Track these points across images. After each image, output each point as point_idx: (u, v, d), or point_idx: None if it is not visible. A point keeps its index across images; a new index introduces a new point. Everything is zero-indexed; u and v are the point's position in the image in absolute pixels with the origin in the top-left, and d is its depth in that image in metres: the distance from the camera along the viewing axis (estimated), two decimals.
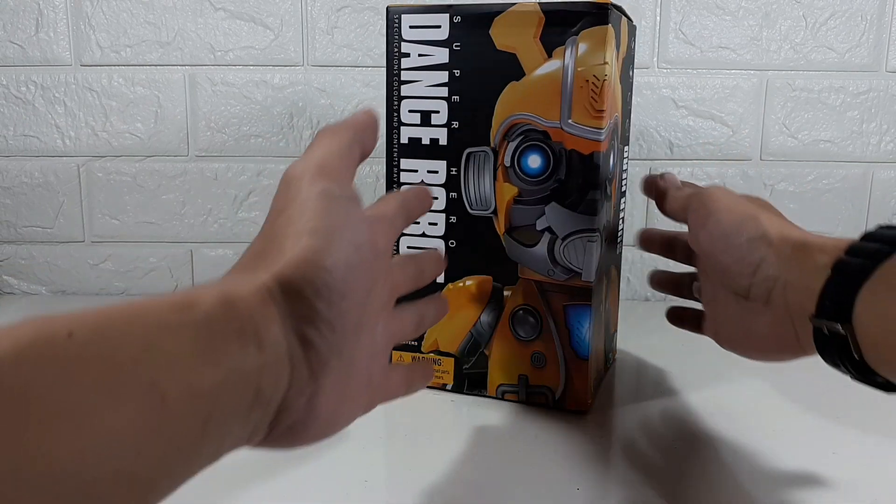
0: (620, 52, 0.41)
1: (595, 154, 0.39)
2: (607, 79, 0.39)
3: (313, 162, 0.27)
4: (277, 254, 0.24)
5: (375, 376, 0.30)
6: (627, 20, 0.43)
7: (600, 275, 0.43)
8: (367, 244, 0.27)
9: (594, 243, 0.40)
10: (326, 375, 0.25)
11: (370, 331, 0.29)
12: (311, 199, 0.25)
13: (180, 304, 0.20)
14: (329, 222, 0.25)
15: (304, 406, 0.24)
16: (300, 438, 0.25)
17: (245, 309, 0.22)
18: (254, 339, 0.21)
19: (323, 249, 0.24)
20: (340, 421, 0.27)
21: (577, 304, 0.41)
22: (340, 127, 0.30)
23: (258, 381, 0.21)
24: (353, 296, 0.25)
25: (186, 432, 0.19)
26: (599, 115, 0.39)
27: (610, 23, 0.38)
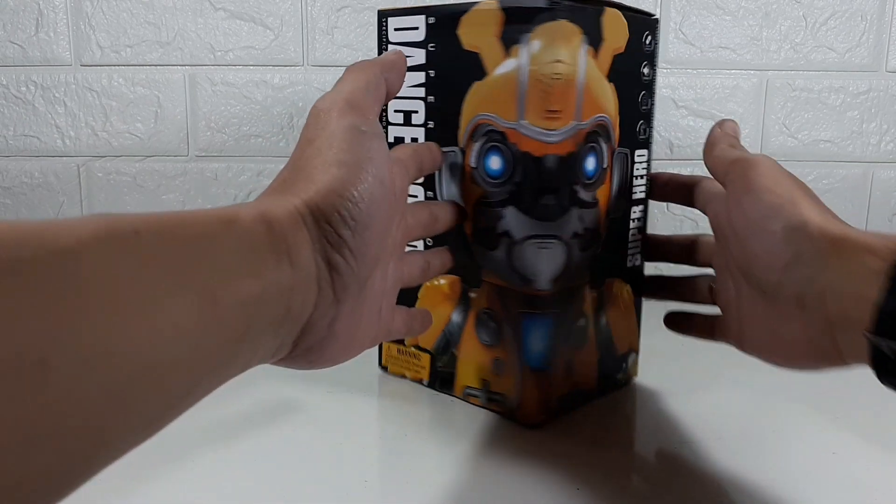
0: (604, 48, 0.39)
1: (548, 157, 0.38)
2: (561, 78, 0.37)
3: (342, 96, 0.28)
4: (307, 182, 0.25)
5: (384, 313, 0.31)
6: (630, 13, 0.40)
7: (570, 285, 0.40)
8: (388, 180, 0.28)
9: (548, 250, 0.39)
10: (346, 301, 0.26)
11: (384, 267, 0.30)
12: (339, 132, 0.26)
13: (225, 218, 0.21)
14: (356, 155, 0.26)
15: (326, 328, 0.25)
16: (318, 359, 0.26)
17: (280, 229, 0.23)
18: (287, 258, 0.23)
19: (350, 181, 0.25)
20: (353, 348, 0.29)
21: (532, 312, 0.40)
22: (368, 64, 0.30)
23: (289, 297, 0.23)
24: (375, 227, 0.26)
25: (233, 335, 0.20)
26: (552, 116, 0.38)
27: (568, 18, 0.37)
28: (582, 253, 0.41)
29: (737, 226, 0.33)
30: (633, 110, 0.42)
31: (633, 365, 0.47)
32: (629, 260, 0.45)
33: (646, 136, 0.44)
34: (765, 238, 0.31)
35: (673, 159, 0.69)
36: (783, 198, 0.31)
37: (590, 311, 0.42)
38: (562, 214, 0.39)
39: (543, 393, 0.41)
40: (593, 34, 0.38)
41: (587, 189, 0.40)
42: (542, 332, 0.40)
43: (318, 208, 0.24)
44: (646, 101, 0.43)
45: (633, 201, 0.44)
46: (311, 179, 0.25)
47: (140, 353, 0.17)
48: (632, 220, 0.44)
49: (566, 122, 0.38)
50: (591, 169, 0.40)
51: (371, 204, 0.26)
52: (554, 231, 0.39)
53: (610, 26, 0.39)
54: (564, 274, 0.40)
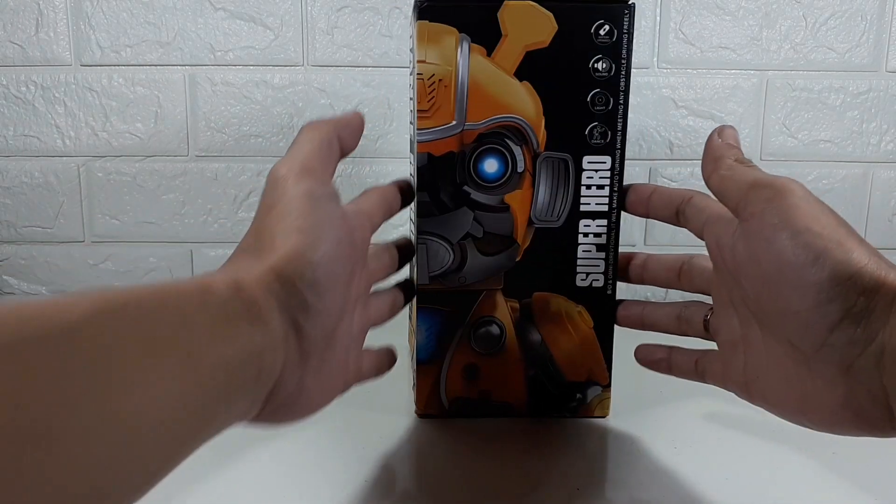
0: (508, 44, 0.37)
1: (420, 155, 0.39)
2: (423, 77, 0.38)
3: (297, 161, 0.29)
4: (271, 249, 0.26)
5: (352, 360, 0.32)
6: (565, 3, 0.37)
7: (465, 286, 0.40)
8: (346, 239, 0.29)
9: (424, 245, 0.40)
10: (312, 358, 0.27)
11: (349, 318, 0.31)
12: (296, 199, 0.28)
13: (203, 287, 0.23)
14: (314, 220, 0.27)
15: (294, 385, 0.26)
16: (289, 415, 0.28)
17: (251, 295, 0.24)
18: (259, 322, 0.24)
19: (310, 246, 0.27)
20: (323, 400, 0.30)
21: (422, 306, 0.41)
22: (322, 124, 0.31)
23: (261, 359, 0.24)
24: (336, 287, 0.28)
25: (211, 396, 0.21)
26: (421, 116, 0.38)
27: (438, 18, 0.37)
28: (484, 257, 0.40)
29: (763, 268, 0.27)
30: (574, 111, 0.39)
31: (596, 398, 0.42)
32: (580, 279, 0.41)
33: (604, 140, 0.39)
34: (806, 291, 0.25)
35: (673, 159, 0.69)
36: (828, 239, 0.25)
37: (507, 320, 0.41)
38: (441, 213, 0.40)
39: (430, 386, 0.42)
40: (481, 31, 0.37)
41: (486, 192, 0.39)
42: (427, 326, 0.41)
43: (284, 274, 0.26)
44: (604, 102, 0.39)
45: (583, 213, 0.40)
46: (274, 246, 0.26)
47: (135, 418, 0.18)
48: (583, 235, 0.40)
49: (439, 121, 0.38)
50: (493, 172, 0.39)
51: (330, 266, 0.27)
52: (434, 228, 0.40)
53: (515, 21, 0.37)
54: (452, 273, 0.40)
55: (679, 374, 0.36)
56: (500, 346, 0.41)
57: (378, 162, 0.69)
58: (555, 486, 0.35)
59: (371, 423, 0.42)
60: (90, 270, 0.71)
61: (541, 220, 0.40)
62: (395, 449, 0.39)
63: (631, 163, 0.69)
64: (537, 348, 0.42)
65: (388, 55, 0.67)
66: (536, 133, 0.39)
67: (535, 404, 0.42)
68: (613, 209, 0.40)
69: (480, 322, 0.41)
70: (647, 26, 0.67)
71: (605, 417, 0.43)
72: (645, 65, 0.68)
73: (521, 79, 0.38)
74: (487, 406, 0.42)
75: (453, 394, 0.42)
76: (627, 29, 0.38)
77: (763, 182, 0.28)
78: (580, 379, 0.42)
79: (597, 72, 0.38)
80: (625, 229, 0.70)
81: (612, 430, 0.41)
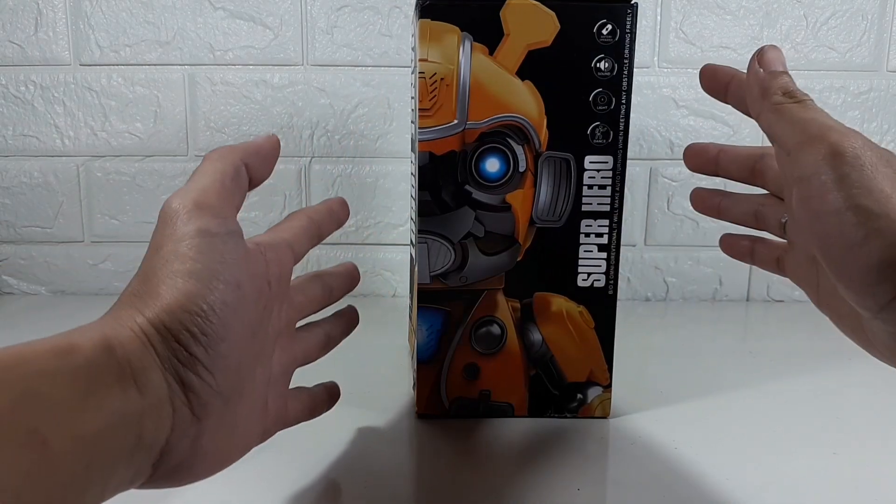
0: (510, 43, 0.38)
1: (422, 154, 0.39)
2: (425, 76, 0.38)
3: (191, 196, 0.26)
4: (153, 296, 0.24)
5: (272, 404, 0.30)
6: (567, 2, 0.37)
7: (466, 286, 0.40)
8: (250, 280, 0.26)
9: (425, 245, 0.40)
10: (210, 416, 0.24)
11: (264, 361, 0.29)
12: (186, 239, 0.25)
13: (59, 350, 0.20)
14: (205, 264, 0.24)
15: (189, 447, 0.24)
16: (187, 477, 0.25)
17: (123, 353, 0.22)
18: (133, 383, 0.21)
19: (198, 293, 0.24)
20: (231, 456, 0.27)
21: (423, 306, 0.41)
22: (228, 152, 0.28)
23: (140, 424, 0.21)
24: (233, 337, 0.25)
25: (70, 476, 0.19)
26: (423, 115, 0.38)
27: (440, 16, 0.37)
28: (485, 256, 0.40)
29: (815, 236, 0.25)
30: (576, 111, 0.39)
31: (597, 399, 0.42)
32: (581, 279, 0.41)
33: (606, 140, 0.39)
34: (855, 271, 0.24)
35: (673, 159, 0.69)
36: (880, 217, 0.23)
37: (507, 320, 0.41)
38: (442, 212, 0.39)
39: (430, 386, 0.42)
40: (483, 30, 0.37)
41: (487, 191, 0.39)
42: (428, 326, 0.41)
43: (165, 326, 0.23)
44: (606, 101, 0.39)
45: (585, 213, 0.40)
46: (156, 294, 0.24)
47: None
48: (584, 235, 0.40)
49: (441, 120, 0.38)
50: (494, 171, 0.39)
51: (225, 313, 0.24)
52: (435, 228, 0.40)
53: (517, 20, 0.37)
54: (453, 273, 0.40)
55: (760, 264, 0.35)
56: (501, 345, 0.41)
57: (378, 162, 0.69)
58: (555, 486, 0.35)
59: (371, 423, 0.42)
60: (89, 270, 0.71)
61: (542, 220, 0.40)
62: (395, 449, 0.39)
63: (631, 163, 0.69)
64: (538, 348, 0.42)
65: (388, 55, 0.67)
66: (538, 132, 0.39)
67: (536, 404, 0.42)
68: (615, 209, 0.40)
69: (481, 322, 0.41)
70: (648, 26, 0.67)
71: (605, 418, 0.43)
72: (645, 64, 0.68)
73: (524, 78, 0.38)
74: (488, 406, 0.42)
75: (454, 394, 0.42)
76: (630, 28, 0.38)
77: (816, 135, 0.25)
78: (581, 379, 0.42)
79: (599, 71, 0.38)
80: (625, 229, 0.70)
81: (613, 430, 0.41)
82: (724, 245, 0.37)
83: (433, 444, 0.39)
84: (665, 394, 0.46)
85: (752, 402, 0.45)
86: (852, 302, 0.25)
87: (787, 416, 0.43)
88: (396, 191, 0.69)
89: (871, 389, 0.47)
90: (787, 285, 0.72)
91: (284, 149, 0.69)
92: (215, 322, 0.24)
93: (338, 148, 0.69)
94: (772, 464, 0.37)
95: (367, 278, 0.71)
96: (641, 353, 0.55)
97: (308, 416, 0.34)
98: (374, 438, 0.40)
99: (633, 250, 0.71)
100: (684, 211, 0.70)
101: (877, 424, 0.42)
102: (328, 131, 0.69)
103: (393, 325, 0.61)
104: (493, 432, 0.41)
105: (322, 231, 0.34)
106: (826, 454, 0.38)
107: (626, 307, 0.68)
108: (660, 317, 0.67)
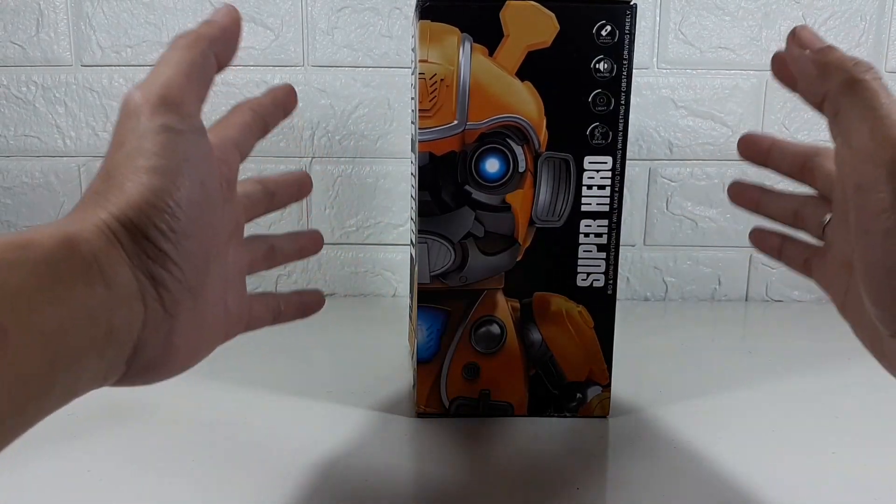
0: (510, 44, 0.38)
1: (422, 155, 0.39)
2: (425, 76, 0.38)
3: (154, 89, 0.25)
4: (118, 192, 0.23)
5: (232, 305, 0.30)
6: (566, 3, 0.38)
7: (466, 286, 0.41)
8: (211, 178, 0.26)
9: (424, 245, 0.40)
10: (181, 312, 0.24)
11: (221, 261, 0.28)
12: (150, 135, 0.24)
13: (17, 244, 0.20)
14: (170, 160, 0.24)
15: (162, 342, 0.24)
16: (161, 373, 0.25)
17: (89, 249, 0.21)
18: (101, 278, 0.21)
19: (164, 189, 0.23)
20: (200, 352, 0.27)
21: (423, 305, 0.41)
22: (193, 39, 0.27)
23: (109, 319, 0.21)
24: (199, 234, 0.25)
25: (33, 369, 0.19)
26: (423, 115, 0.39)
27: (440, 17, 0.37)
28: (485, 256, 0.40)
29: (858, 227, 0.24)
30: (575, 112, 0.39)
31: (596, 398, 0.42)
32: (581, 279, 0.41)
33: (606, 141, 0.39)
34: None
35: (672, 159, 0.69)
36: None
37: (507, 319, 0.41)
38: (442, 212, 0.40)
39: (430, 386, 0.42)
40: (483, 31, 0.38)
41: (487, 191, 0.40)
42: (428, 325, 0.41)
43: (132, 223, 0.23)
44: (605, 102, 0.39)
45: (584, 213, 0.40)
46: (122, 190, 0.23)
47: None
48: (583, 235, 0.40)
49: (441, 121, 0.38)
50: (494, 171, 0.39)
51: (192, 211, 0.24)
52: (435, 228, 0.40)
53: (517, 21, 0.38)
54: (453, 273, 0.40)
55: (788, 263, 0.34)
56: (501, 345, 0.42)
57: (378, 162, 0.69)
58: (555, 486, 0.35)
59: (371, 423, 0.42)
60: None
61: (542, 220, 0.40)
62: (395, 449, 0.39)
63: (631, 163, 0.69)
64: (538, 348, 0.42)
65: (389, 55, 0.67)
66: (538, 133, 0.39)
67: (536, 404, 0.43)
68: (614, 209, 0.40)
69: (481, 321, 0.41)
70: (647, 27, 0.67)
71: (605, 417, 0.43)
72: (645, 65, 0.68)
73: (523, 79, 0.38)
74: (487, 405, 0.42)
75: (454, 393, 0.42)
76: (629, 29, 0.38)
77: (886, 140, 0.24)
78: (580, 379, 0.42)
79: (598, 72, 0.38)
80: (624, 229, 0.70)
81: (612, 429, 0.41)
82: (754, 238, 0.35)
83: (433, 444, 0.39)
84: (664, 393, 0.46)
85: (751, 401, 0.46)
86: (877, 320, 0.25)
87: (786, 415, 0.44)
88: (396, 191, 0.70)
89: (871, 389, 0.47)
90: (786, 285, 0.72)
91: (285, 149, 0.69)
92: (182, 219, 0.24)
93: (338, 148, 0.69)
94: (771, 463, 0.37)
95: (367, 278, 0.71)
96: (640, 352, 0.55)
97: (272, 320, 0.33)
98: (374, 438, 0.40)
99: (632, 250, 0.71)
100: (683, 211, 0.70)
101: (876, 424, 0.42)
102: (329, 132, 0.69)
103: (393, 325, 0.61)
104: (493, 432, 0.41)
105: (268, 124, 0.32)
106: (826, 454, 0.39)
107: (625, 307, 0.68)
108: (659, 316, 0.68)
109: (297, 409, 0.44)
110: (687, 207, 0.70)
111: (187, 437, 0.39)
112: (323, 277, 0.71)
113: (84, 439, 0.39)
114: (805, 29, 0.28)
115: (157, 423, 0.41)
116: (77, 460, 0.37)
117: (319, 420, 0.42)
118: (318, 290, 0.36)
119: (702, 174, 0.70)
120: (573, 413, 0.43)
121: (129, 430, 0.40)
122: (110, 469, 0.36)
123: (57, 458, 0.37)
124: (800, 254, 0.33)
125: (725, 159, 0.70)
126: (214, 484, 0.35)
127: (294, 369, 0.50)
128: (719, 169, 0.70)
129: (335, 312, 0.66)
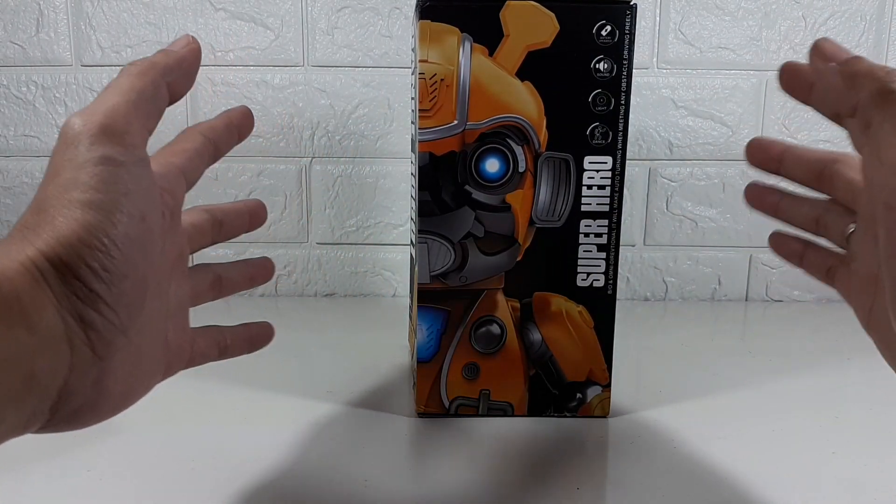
0: (510, 44, 0.38)
1: (422, 155, 0.39)
2: (425, 76, 0.38)
3: (97, 118, 0.23)
4: (49, 228, 0.21)
5: (173, 340, 0.28)
6: (566, 3, 0.38)
7: (466, 286, 0.41)
8: (153, 211, 0.24)
9: (424, 245, 0.40)
10: (113, 353, 0.23)
11: (162, 294, 0.26)
12: (88, 166, 0.22)
13: None
14: (108, 194, 0.22)
15: (91, 388, 0.22)
16: (90, 419, 0.24)
17: (11, 289, 0.20)
18: (22, 321, 0.20)
19: (99, 226, 0.22)
20: (134, 394, 0.26)
21: (423, 305, 0.41)
22: (149, 67, 0.25)
23: (30, 365, 0.20)
24: (136, 272, 0.23)
25: None
26: (423, 115, 0.39)
27: (440, 17, 0.37)
28: (485, 256, 0.40)
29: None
30: (576, 112, 0.39)
31: (596, 398, 0.42)
32: (581, 279, 0.41)
33: (606, 141, 0.39)
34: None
35: (672, 159, 0.69)
36: None
37: (507, 319, 0.41)
38: (442, 212, 0.40)
39: (430, 386, 0.42)
40: (483, 31, 0.38)
41: (487, 191, 0.40)
42: (428, 325, 0.41)
43: (62, 261, 0.21)
44: (605, 102, 0.39)
45: (584, 213, 0.40)
46: (53, 225, 0.21)
47: None
48: (583, 235, 0.40)
49: (441, 121, 0.39)
50: (494, 171, 0.39)
51: (128, 248, 0.22)
52: (435, 228, 0.40)
53: (517, 21, 0.38)
54: (452, 273, 0.40)
55: (809, 271, 0.32)
56: (501, 345, 0.42)
57: (378, 162, 0.69)
58: (555, 486, 0.35)
59: (371, 423, 0.42)
60: None
61: (542, 220, 0.40)
62: (395, 449, 0.39)
63: (630, 163, 0.69)
64: (538, 348, 0.42)
65: (388, 55, 0.67)
66: (538, 133, 0.39)
67: (536, 404, 0.43)
68: (614, 209, 0.40)
69: (481, 321, 0.41)
70: (647, 26, 0.67)
71: (604, 417, 0.43)
72: (645, 65, 0.68)
73: (523, 79, 0.38)
74: (487, 405, 0.42)
75: (454, 393, 0.42)
76: (629, 29, 0.38)
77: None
78: (580, 379, 0.42)
79: (598, 72, 0.38)
80: (624, 229, 0.70)
81: (612, 429, 0.41)
82: (774, 243, 0.34)
83: (433, 443, 0.39)
84: (664, 393, 0.47)
85: (751, 401, 0.46)
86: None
87: (785, 415, 0.44)
88: (396, 191, 0.70)
89: (871, 389, 0.47)
90: (786, 285, 0.72)
91: (285, 149, 0.69)
92: (118, 258, 0.22)
93: (338, 148, 0.69)
94: (771, 463, 0.37)
95: (367, 278, 0.71)
96: (640, 352, 0.55)
97: (218, 355, 0.32)
98: (374, 438, 0.40)
99: (632, 250, 0.71)
100: (683, 211, 0.70)
101: (876, 424, 0.42)
102: (329, 132, 0.69)
103: (393, 325, 0.61)
104: (493, 432, 0.41)
105: (220, 149, 0.30)
106: (825, 454, 0.39)
107: (625, 307, 0.68)
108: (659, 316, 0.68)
109: (297, 409, 0.44)
110: (687, 207, 0.70)
111: (186, 436, 0.39)
112: (323, 277, 0.71)
113: (84, 439, 0.39)
114: (827, 41, 0.27)
115: (155, 423, 0.41)
116: (77, 460, 0.37)
117: (319, 420, 0.42)
118: (266, 322, 0.34)
119: (702, 174, 0.70)
120: (573, 413, 0.43)
121: (127, 429, 0.40)
122: (110, 469, 0.36)
123: (57, 457, 0.37)
124: (823, 262, 0.31)
125: (725, 159, 0.70)
126: (214, 484, 0.35)
127: (294, 369, 0.50)
128: (719, 169, 0.70)
129: (335, 312, 0.66)
